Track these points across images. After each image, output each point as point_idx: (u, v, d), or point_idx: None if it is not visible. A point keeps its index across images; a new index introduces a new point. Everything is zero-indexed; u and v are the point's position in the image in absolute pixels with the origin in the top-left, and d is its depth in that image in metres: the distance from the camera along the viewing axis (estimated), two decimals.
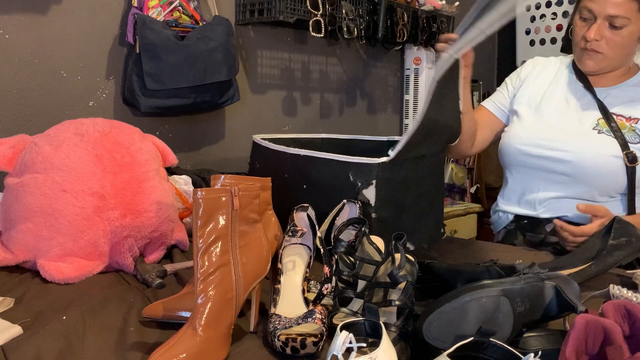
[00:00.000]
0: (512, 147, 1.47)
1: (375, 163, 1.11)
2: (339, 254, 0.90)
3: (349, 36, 1.94)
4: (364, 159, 1.13)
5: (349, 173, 1.14)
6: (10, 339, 0.78)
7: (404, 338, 0.74)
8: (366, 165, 1.12)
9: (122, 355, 0.75)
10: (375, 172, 1.11)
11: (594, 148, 1.35)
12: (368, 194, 1.12)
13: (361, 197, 1.12)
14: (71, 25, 1.53)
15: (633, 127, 1.35)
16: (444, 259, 1.18)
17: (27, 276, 1.06)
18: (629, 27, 1.30)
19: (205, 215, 0.75)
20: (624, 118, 1.37)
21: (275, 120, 2.08)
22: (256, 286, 0.82)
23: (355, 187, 1.13)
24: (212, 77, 1.62)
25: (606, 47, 1.33)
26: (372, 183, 1.11)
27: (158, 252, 1.17)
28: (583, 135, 1.38)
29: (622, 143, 1.33)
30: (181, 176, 1.45)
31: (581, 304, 0.73)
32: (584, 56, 1.38)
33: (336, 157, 1.17)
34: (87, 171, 1.07)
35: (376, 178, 1.11)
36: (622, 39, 1.31)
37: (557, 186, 1.41)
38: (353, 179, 1.13)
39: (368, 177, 1.12)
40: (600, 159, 1.34)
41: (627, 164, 1.33)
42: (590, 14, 1.32)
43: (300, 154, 1.22)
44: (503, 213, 1.55)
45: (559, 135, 1.40)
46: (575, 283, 0.77)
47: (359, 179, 1.12)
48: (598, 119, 1.38)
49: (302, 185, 1.21)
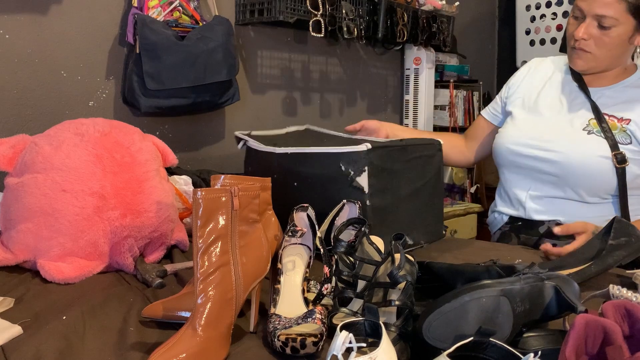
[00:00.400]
0: (504, 146, 1.47)
1: (364, 150, 1.13)
2: (339, 254, 0.90)
3: (349, 36, 1.94)
4: (353, 147, 1.15)
5: (340, 163, 1.16)
6: (10, 339, 0.78)
7: (404, 338, 0.74)
8: (356, 153, 1.14)
9: (122, 355, 0.75)
10: (365, 158, 1.13)
11: (581, 148, 1.34)
12: (361, 181, 1.14)
13: (356, 184, 1.14)
14: (71, 25, 1.53)
15: (624, 127, 1.34)
16: (444, 259, 1.18)
17: (27, 276, 1.06)
18: (618, 28, 1.28)
19: (205, 215, 0.75)
20: (615, 119, 1.36)
21: (275, 120, 2.08)
22: (256, 286, 0.82)
23: (348, 176, 1.15)
24: (212, 77, 1.62)
25: (594, 46, 1.32)
26: (364, 170, 1.14)
27: (158, 252, 1.17)
28: (572, 136, 1.37)
29: (612, 144, 1.31)
30: (181, 176, 1.45)
31: (581, 304, 0.73)
32: (573, 55, 1.37)
33: (325, 149, 1.19)
34: (87, 171, 1.07)
35: (368, 165, 1.13)
36: (611, 39, 1.30)
37: (546, 186, 1.41)
38: (345, 169, 1.15)
39: (360, 165, 1.14)
40: (588, 160, 1.32)
41: (616, 165, 1.31)
42: (581, 13, 1.32)
43: (287, 152, 1.22)
44: (499, 214, 1.55)
45: (548, 135, 1.40)
46: (575, 283, 0.77)
47: (351, 167, 1.15)
48: (589, 120, 1.37)
49: (293, 183, 1.22)
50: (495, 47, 3.17)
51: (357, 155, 1.14)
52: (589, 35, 1.31)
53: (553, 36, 2.52)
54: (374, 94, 2.50)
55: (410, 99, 2.54)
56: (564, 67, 1.51)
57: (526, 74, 1.56)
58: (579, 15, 1.33)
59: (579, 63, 1.37)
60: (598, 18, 1.29)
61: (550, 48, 2.54)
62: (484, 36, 3.08)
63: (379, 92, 2.52)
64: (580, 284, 0.89)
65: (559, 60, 1.54)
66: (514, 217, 1.49)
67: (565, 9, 2.46)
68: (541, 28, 2.58)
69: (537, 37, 2.60)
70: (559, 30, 2.48)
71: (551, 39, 2.53)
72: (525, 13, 2.64)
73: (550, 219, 1.41)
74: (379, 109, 2.53)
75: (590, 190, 1.36)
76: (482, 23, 3.04)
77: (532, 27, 2.61)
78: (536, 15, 2.60)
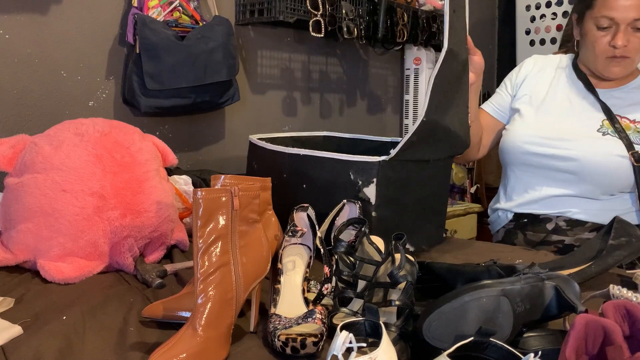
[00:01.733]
0: (515, 145, 1.47)
1: (376, 161, 1.11)
2: (339, 254, 0.90)
3: (349, 36, 1.94)
4: (364, 158, 1.13)
5: (350, 172, 1.14)
6: (10, 339, 0.78)
7: (404, 338, 0.74)
8: (367, 163, 1.12)
9: (122, 355, 0.75)
10: (375, 170, 1.11)
11: (600, 148, 1.36)
12: (369, 192, 1.12)
13: (362, 195, 1.12)
14: (71, 25, 1.53)
15: (638, 128, 1.38)
16: (444, 259, 1.18)
17: (27, 276, 1.06)
18: None
19: (205, 216, 0.75)
20: (628, 120, 1.39)
21: (275, 120, 2.08)
22: (256, 286, 0.82)
23: (356, 185, 1.13)
24: (212, 77, 1.62)
25: (633, 51, 1.35)
26: (372, 181, 1.12)
27: (158, 252, 1.17)
28: (588, 136, 1.38)
29: (627, 144, 1.34)
30: (181, 176, 1.45)
31: (581, 304, 0.73)
32: (611, 64, 1.38)
33: (336, 155, 1.17)
34: (87, 171, 1.07)
35: (377, 176, 1.11)
36: None
37: (561, 184, 1.41)
38: (354, 178, 1.13)
39: (369, 176, 1.12)
40: (607, 159, 1.35)
41: (634, 164, 1.34)
42: (611, 22, 1.33)
43: (299, 153, 1.22)
44: (503, 212, 1.55)
45: (563, 135, 1.40)
46: (575, 283, 0.77)
47: (360, 177, 1.13)
48: (602, 120, 1.39)
49: (302, 185, 1.21)
50: (495, 47, 3.17)
51: (367, 166, 1.12)
52: (628, 41, 1.33)
53: (553, 36, 2.52)
54: (374, 94, 2.50)
55: (410, 99, 2.54)
56: (566, 67, 1.51)
57: (530, 69, 1.56)
58: (607, 25, 1.34)
59: (616, 71, 1.39)
60: (633, 22, 1.31)
61: (550, 48, 2.54)
62: (484, 36, 3.08)
63: (379, 92, 2.52)
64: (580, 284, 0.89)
65: (561, 59, 1.55)
66: (519, 214, 1.49)
67: (566, 9, 2.46)
68: (541, 28, 2.58)
69: (537, 37, 2.60)
70: (559, 30, 2.48)
71: (551, 39, 2.53)
72: (525, 13, 2.64)
73: (558, 215, 1.41)
74: (379, 109, 2.53)
75: (606, 188, 1.38)
76: (482, 23, 3.04)
77: (532, 27, 2.61)
78: (536, 15, 2.60)
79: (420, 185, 1.19)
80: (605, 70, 1.41)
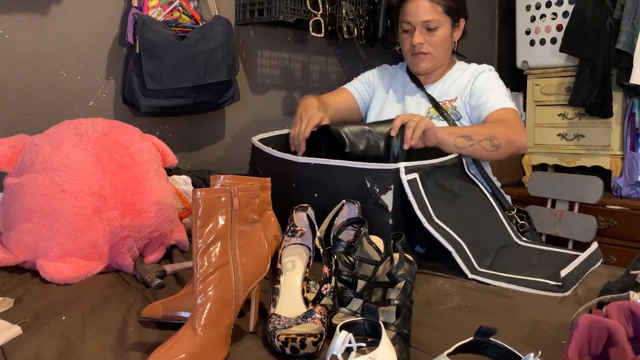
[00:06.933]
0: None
1: (394, 168, 1.10)
2: (339, 254, 0.90)
3: (349, 36, 1.94)
4: (380, 165, 1.11)
5: (366, 179, 1.12)
6: (10, 339, 0.78)
7: (404, 338, 0.74)
8: (384, 170, 1.10)
9: (121, 355, 0.75)
10: (393, 177, 1.10)
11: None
12: (386, 199, 1.10)
13: (381, 202, 1.10)
14: (71, 25, 1.53)
15: (454, 106, 1.61)
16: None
17: (27, 276, 1.06)
18: (442, 27, 1.59)
19: (205, 216, 0.75)
20: (447, 101, 1.64)
21: (275, 120, 2.08)
22: (256, 286, 0.81)
23: (374, 193, 1.11)
24: (212, 77, 1.62)
25: (430, 47, 1.61)
26: (390, 188, 1.10)
27: (157, 253, 1.17)
28: None
29: (451, 122, 1.57)
30: (181, 176, 1.45)
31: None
32: (415, 60, 1.64)
33: (350, 164, 1.14)
34: (87, 171, 1.07)
35: (394, 183, 1.09)
36: (439, 37, 1.60)
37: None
38: (370, 185, 1.11)
39: (386, 183, 1.10)
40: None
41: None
42: (409, 26, 1.60)
43: (310, 162, 1.18)
44: None
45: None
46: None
47: (377, 184, 1.11)
48: (429, 108, 1.64)
49: (313, 194, 1.17)
50: (495, 47, 3.17)
51: (384, 173, 1.10)
52: (423, 40, 1.59)
53: (553, 36, 2.52)
54: None
55: None
56: (401, 72, 1.77)
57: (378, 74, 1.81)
58: (408, 29, 1.61)
59: (421, 65, 1.64)
60: (425, 24, 1.58)
61: (550, 48, 2.53)
62: (484, 36, 3.07)
63: None
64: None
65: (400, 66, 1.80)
66: None
67: (566, 9, 2.45)
68: (541, 28, 2.57)
69: (537, 37, 2.59)
70: (559, 30, 2.48)
71: (551, 39, 2.53)
72: (525, 13, 2.63)
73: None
74: None
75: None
76: (482, 23, 3.04)
77: (532, 27, 2.60)
78: (536, 15, 2.59)
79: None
80: (414, 65, 1.66)
